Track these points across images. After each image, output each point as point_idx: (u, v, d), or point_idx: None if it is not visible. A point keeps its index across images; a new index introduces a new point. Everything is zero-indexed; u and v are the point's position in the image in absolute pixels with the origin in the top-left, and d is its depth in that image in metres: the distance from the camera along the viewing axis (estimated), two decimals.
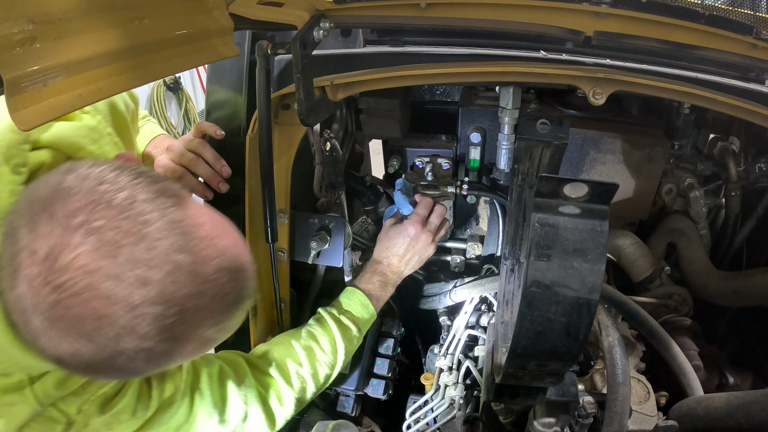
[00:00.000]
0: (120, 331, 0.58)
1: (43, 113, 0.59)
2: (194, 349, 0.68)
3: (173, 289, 0.60)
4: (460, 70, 1.03)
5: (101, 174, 0.61)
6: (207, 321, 0.65)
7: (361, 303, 1.22)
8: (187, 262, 0.61)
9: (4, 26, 0.54)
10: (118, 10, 0.68)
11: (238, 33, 0.95)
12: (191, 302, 0.62)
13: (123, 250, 0.58)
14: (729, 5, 1.02)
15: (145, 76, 0.74)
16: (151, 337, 0.60)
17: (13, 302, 0.60)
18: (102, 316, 0.58)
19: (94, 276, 0.57)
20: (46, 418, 0.77)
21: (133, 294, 0.58)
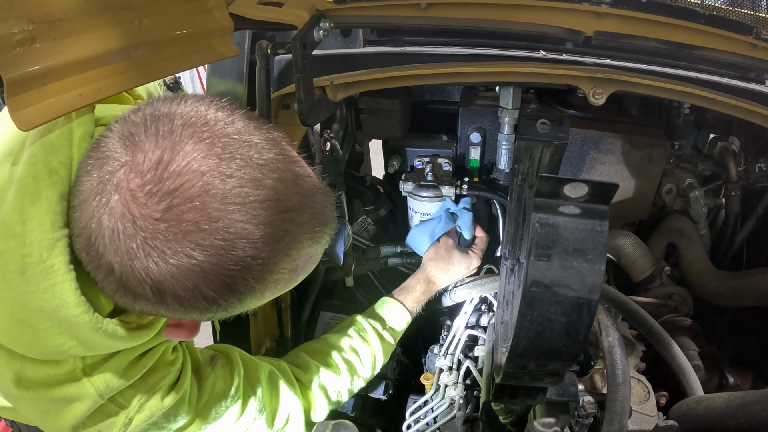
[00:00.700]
0: (235, 234, 0.55)
1: (43, 113, 0.59)
2: (294, 270, 0.66)
3: (283, 196, 0.59)
4: (460, 70, 1.04)
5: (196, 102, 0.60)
6: (307, 235, 0.64)
7: (405, 321, 1.25)
8: (292, 174, 0.61)
9: (4, 26, 0.54)
10: (118, 10, 0.68)
11: (238, 33, 0.95)
12: (297, 213, 0.61)
13: (235, 154, 0.56)
14: (729, 5, 1.02)
15: (145, 76, 0.74)
16: (263, 245, 0.57)
17: (97, 230, 0.55)
18: (217, 218, 0.54)
19: (209, 177, 0.54)
20: (104, 414, 0.73)
21: (248, 194, 0.56)
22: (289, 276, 0.66)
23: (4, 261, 0.61)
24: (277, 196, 0.58)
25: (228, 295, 0.59)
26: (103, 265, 0.57)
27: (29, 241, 0.59)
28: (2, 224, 0.61)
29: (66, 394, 0.69)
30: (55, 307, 0.61)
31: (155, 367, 0.77)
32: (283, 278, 0.65)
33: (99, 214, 0.55)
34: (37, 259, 0.59)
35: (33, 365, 0.68)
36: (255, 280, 0.60)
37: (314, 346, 1.16)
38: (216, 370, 0.90)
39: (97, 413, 0.72)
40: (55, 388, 0.69)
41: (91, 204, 0.56)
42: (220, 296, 0.59)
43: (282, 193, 0.59)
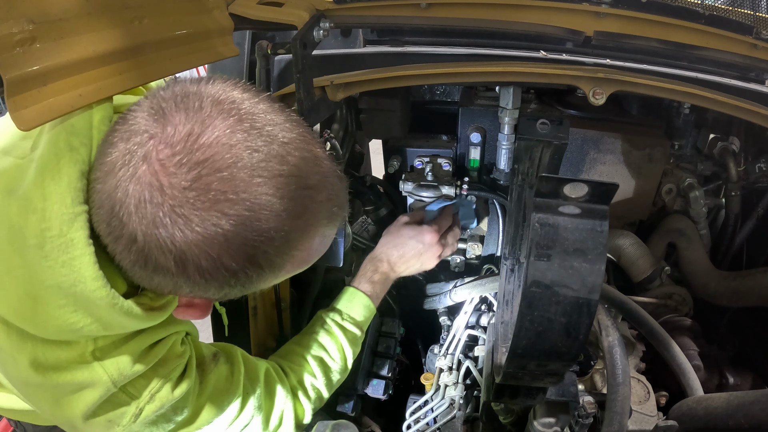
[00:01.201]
0: (260, 205, 0.57)
1: (43, 113, 0.59)
2: (310, 249, 0.68)
3: (305, 174, 0.61)
4: (460, 70, 1.03)
5: (223, 83, 0.62)
6: (324, 214, 0.66)
7: (363, 305, 1.21)
8: (312, 155, 0.64)
9: (4, 26, 0.54)
10: (118, 10, 0.68)
11: (238, 33, 0.95)
12: (317, 191, 0.64)
13: (262, 130, 0.59)
14: (729, 5, 1.02)
15: (145, 76, 0.74)
16: (286, 218, 0.59)
17: (121, 200, 0.56)
18: (244, 189, 0.56)
19: (237, 150, 0.56)
20: (114, 404, 0.73)
21: (273, 168, 0.58)
22: (305, 254, 0.68)
23: (23, 236, 0.61)
24: (299, 173, 0.60)
25: (248, 268, 0.60)
26: (125, 236, 0.57)
27: (49, 216, 0.60)
28: (23, 200, 0.62)
29: (77, 379, 0.69)
30: (72, 282, 0.61)
31: (166, 358, 0.78)
32: (299, 255, 0.66)
33: (125, 183, 0.56)
34: (57, 232, 0.60)
35: (44, 347, 0.68)
36: (275, 252, 0.61)
37: (285, 349, 1.17)
38: (219, 366, 0.90)
39: (108, 403, 0.72)
40: (66, 372, 0.69)
41: (116, 174, 0.57)
42: (241, 268, 0.60)
43: (304, 171, 0.61)
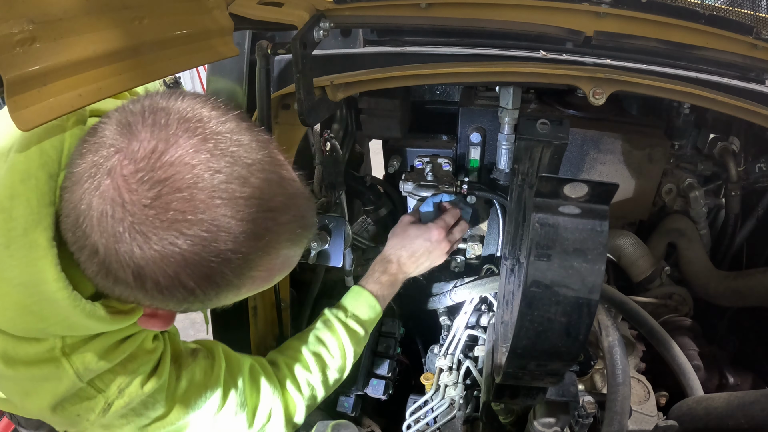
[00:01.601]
0: (218, 227, 0.57)
1: (43, 113, 0.59)
2: (271, 269, 0.68)
3: (268, 196, 0.61)
4: (460, 70, 1.03)
5: (192, 99, 0.63)
6: (286, 236, 0.66)
7: (368, 305, 1.20)
8: (277, 176, 0.64)
9: (4, 26, 0.54)
10: (118, 10, 0.68)
11: (238, 33, 0.95)
12: (279, 213, 0.64)
13: (225, 151, 0.59)
14: (729, 5, 1.02)
15: (145, 76, 0.74)
16: (244, 241, 0.59)
17: (85, 212, 0.57)
18: (203, 210, 0.56)
19: (199, 170, 0.56)
20: (83, 398, 0.73)
21: (234, 191, 0.58)
22: (266, 274, 0.68)
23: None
24: (261, 194, 0.60)
25: (206, 287, 0.61)
26: (87, 246, 0.58)
27: (15, 216, 0.62)
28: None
29: (45, 373, 0.70)
30: (36, 282, 0.62)
31: (135, 354, 0.78)
32: (260, 276, 0.67)
33: (90, 196, 0.57)
34: (21, 232, 0.61)
35: (15, 342, 0.69)
36: (233, 273, 0.61)
37: (285, 344, 1.16)
38: (197, 361, 0.90)
39: (76, 396, 0.73)
40: (35, 366, 0.70)
41: (82, 186, 0.57)
42: (198, 286, 0.60)
43: (266, 193, 0.61)
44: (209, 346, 0.97)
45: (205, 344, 0.97)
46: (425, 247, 1.24)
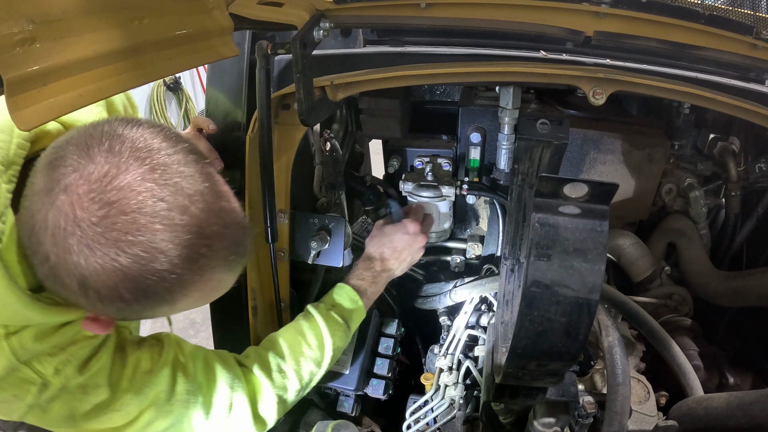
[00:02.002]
0: (156, 249, 0.65)
1: (43, 113, 0.59)
2: (204, 290, 0.74)
3: (205, 224, 0.69)
4: (460, 70, 1.03)
5: (147, 129, 0.70)
6: (220, 262, 0.73)
7: (349, 298, 1.18)
8: (217, 207, 0.72)
9: (4, 26, 0.54)
10: (118, 10, 0.68)
11: (238, 33, 0.95)
12: (216, 240, 0.71)
13: (169, 181, 0.66)
14: (729, 5, 1.02)
15: (145, 76, 0.74)
16: (179, 263, 0.67)
17: (41, 222, 0.64)
18: (144, 233, 0.64)
19: (143, 197, 0.64)
20: (20, 378, 0.76)
21: (174, 218, 0.65)
22: (199, 294, 0.74)
23: None
24: (199, 223, 0.68)
25: (142, 300, 0.68)
26: (40, 253, 0.66)
27: None
28: None
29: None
30: None
31: (75, 338, 0.80)
32: (193, 296, 0.73)
33: (46, 209, 0.64)
34: None
35: None
36: (167, 291, 0.69)
37: (263, 338, 1.15)
38: (143, 348, 0.90)
39: (12, 377, 0.75)
40: None
41: (41, 198, 0.65)
42: (135, 299, 0.67)
43: (204, 222, 0.69)
44: (160, 336, 0.96)
45: (157, 336, 0.96)
46: (405, 241, 1.26)
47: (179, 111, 5.44)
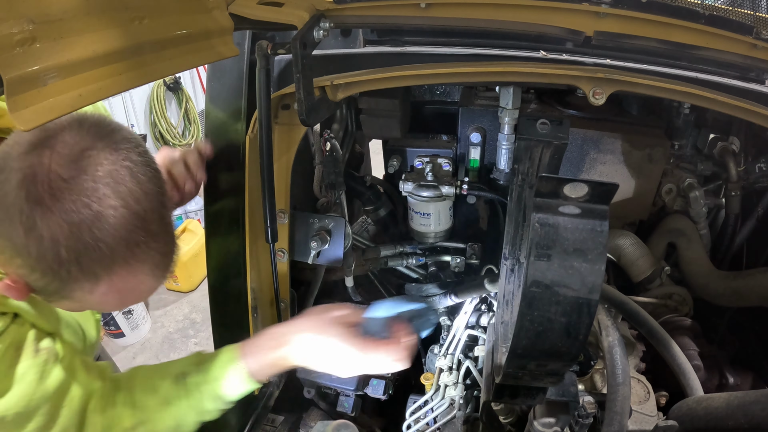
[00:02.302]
0: (105, 219, 0.71)
1: (43, 113, 0.59)
2: (125, 284, 0.78)
3: (150, 221, 0.76)
4: (460, 70, 1.03)
5: (131, 135, 0.79)
6: (150, 263, 0.79)
7: (239, 379, 0.95)
8: (163, 213, 0.79)
9: (4, 26, 0.54)
10: (118, 10, 0.68)
11: (238, 33, 0.95)
12: (153, 239, 0.77)
13: (136, 175, 0.75)
14: (729, 5, 1.02)
15: (145, 76, 0.74)
16: (118, 240, 0.72)
17: (15, 170, 0.69)
18: (100, 202, 0.71)
19: (112, 176, 0.72)
20: None
21: (129, 201, 0.73)
22: (119, 286, 0.77)
23: None
24: (146, 216, 0.75)
25: (71, 266, 0.71)
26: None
27: None
28: None
29: None
30: None
31: None
32: (114, 285, 0.76)
33: (23, 160, 0.69)
34: None
35: None
36: (97, 264, 0.73)
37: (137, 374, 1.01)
38: (36, 357, 0.83)
39: None
40: None
41: (20, 155, 0.70)
42: (67, 262, 0.71)
43: (150, 218, 0.76)
44: (67, 357, 0.88)
45: (64, 356, 0.88)
46: (337, 354, 0.93)
47: (179, 111, 5.44)
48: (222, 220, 1.30)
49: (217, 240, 1.33)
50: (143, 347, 3.63)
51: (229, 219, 1.28)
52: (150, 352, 3.59)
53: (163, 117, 5.13)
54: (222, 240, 1.32)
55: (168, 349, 3.60)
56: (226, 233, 1.30)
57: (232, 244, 1.29)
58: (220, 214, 1.30)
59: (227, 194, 1.26)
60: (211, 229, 1.33)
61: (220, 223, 1.31)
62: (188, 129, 5.53)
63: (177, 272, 3.99)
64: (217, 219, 1.31)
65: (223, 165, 1.25)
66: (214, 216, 1.31)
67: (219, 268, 1.35)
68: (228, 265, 1.32)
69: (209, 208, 1.31)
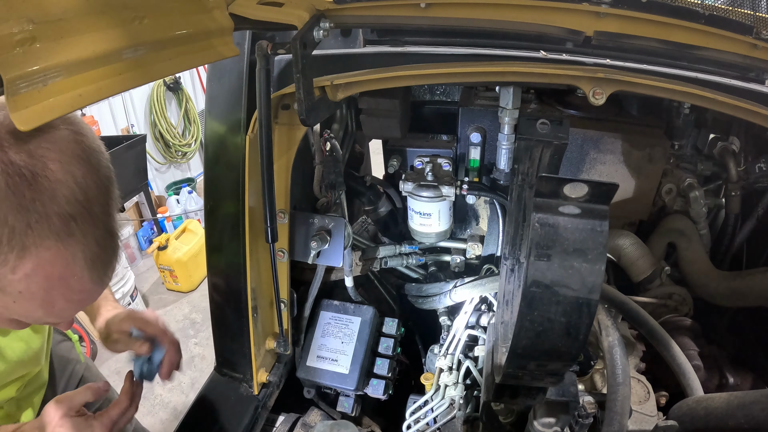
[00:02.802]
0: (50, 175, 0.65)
1: (43, 113, 0.59)
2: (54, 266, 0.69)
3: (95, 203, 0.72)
4: (460, 70, 1.03)
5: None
6: (84, 246, 0.71)
7: None
8: (109, 209, 0.75)
9: (4, 26, 0.54)
10: (118, 10, 0.68)
11: (238, 33, 0.95)
12: (91, 221, 0.71)
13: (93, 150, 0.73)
14: (729, 5, 1.01)
15: (145, 76, 0.74)
16: (62, 203, 0.67)
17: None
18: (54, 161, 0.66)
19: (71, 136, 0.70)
20: None
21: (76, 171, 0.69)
22: (47, 270, 0.68)
23: None
24: (89, 197, 0.70)
25: (2, 230, 0.63)
26: None
27: None
28: None
29: None
30: None
31: None
32: (42, 267, 0.68)
33: None
34: None
35: None
36: (34, 231, 0.65)
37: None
38: None
39: None
40: None
41: None
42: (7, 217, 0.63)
43: (95, 200, 0.71)
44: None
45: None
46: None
47: (179, 111, 5.44)
48: (222, 220, 1.30)
49: (217, 240, 1.33)
50: None
51: (229, 219, 1.28)
52: None
53: (163, 117, 5.12)
54: (222, 240, 1.32)
55: None
56: (226, 233, 1.30)
57: (232, 244, 1.29)
58: (220, 214, 1.30)
59: (227, 194, 1.26)
60: (211, 229, 1.33)
61: (220, 223, 1.31)
62: (188, 129, 5.53)
63: (177, 272, 4.00)
64: (217, 219, 1.31)
65: (223, 165, 1.25)
66: (214, 216, 1.31)
67: (219, 268, 1.35)
68: (228, 265, 1.32)
69: (209, 208, 1.31)
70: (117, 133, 4.65)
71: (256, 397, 1.38)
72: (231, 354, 1.38)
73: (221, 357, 1.41)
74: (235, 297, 1.32)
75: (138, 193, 4.50)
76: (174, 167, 5.53)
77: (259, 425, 1.36)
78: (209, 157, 1.27)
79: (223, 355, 1.40)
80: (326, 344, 1.47)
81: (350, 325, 1.49)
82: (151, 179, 5.00)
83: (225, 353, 1.40)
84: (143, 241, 4.63)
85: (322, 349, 1.47)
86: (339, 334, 1.48)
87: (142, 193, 4.52)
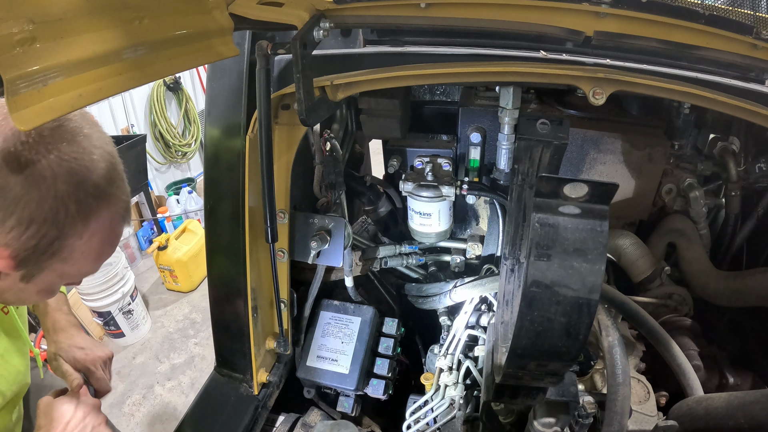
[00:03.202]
0: (85, 168, 0.79)
1: (43, 113, 0.59)
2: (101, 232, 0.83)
3: (98, 178, 0.82)
4: (460, 70, 1.03)
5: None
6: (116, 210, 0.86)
7: None
8: (124, 183, 0.90)
9: (4, 26, 0.54)
10: (118, 10, 0.68)
11: (238, 33, 0.95)
12: (115, 197, 0.85)
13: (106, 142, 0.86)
14: (729, 5, 1.01)
15: (145, 76, 0.74)
16: (101, 182, 0.80)
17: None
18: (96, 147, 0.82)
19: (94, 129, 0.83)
20: None
21: (110, 152, 0.85)
22: (104, 227, 0.83)
23: None
24: (117, 164, 0.86)
25: (69, 205, 0.76)
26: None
27: None
28: None
29: None
30: None
31: None
32: (100, 226, 0.82)
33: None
34: None
35: None
36: (91, 197, 0.79)
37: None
38: None
39: None
40: None
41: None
42: (61, 206, 0.75)
43: (120, 167, 0.87)
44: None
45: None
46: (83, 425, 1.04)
47: (179, 111, 5.43)
48: (222, 221, 1.30)
49: (217, 240, 1.33)
50: (143, 347, 3.63)
51: (229, 219, 1.28)
52: (150, 352, 3.59)
53: (163, 117, 5.12)
54: (222, 240, 1.32)
55: (168, 349, 3.60)
56: (226, 233, 1.30)
57: (232, 244, 1.29)
58: (220, 214, 1.30)
59: (227, 194, 1.26)
60: (211, 229, 1.33)
61: (220, 223, 1.31)
62: (188, 129, 5.53)
63: (177, 272, 4.00)
64: (217, 219, 1.31)
65: (223, 165, 1.25)
66: (214, 216, 1.31)
67: (219, 268, 1.35)
68: (228, 265, 1.32)
69: (209, 208, 1.31)
70: (117, 133, 4.65)
71: (256, 397, 1.38)
72: (231, 354, 1.38)
73: (221, 357, 1.41)
74: (235, 297, 1.32)
75: (138, 193, 4.50)
76: (174, 167, 5.53)
77: (259, 425, 1.36)
78: (209, 157, 1.27)
79: (223, 355, 1.40)
80: (326, 344, 1.47)
81: (350, 325, 1.49)
82: (151, 179, 5.00)
83: (225, 353, 1.40)
84: (143, 241, 4.63)
85: (322, 349, 1.47)
86: (339, 334, 1.48)
87: (142, 193, 4.52)
